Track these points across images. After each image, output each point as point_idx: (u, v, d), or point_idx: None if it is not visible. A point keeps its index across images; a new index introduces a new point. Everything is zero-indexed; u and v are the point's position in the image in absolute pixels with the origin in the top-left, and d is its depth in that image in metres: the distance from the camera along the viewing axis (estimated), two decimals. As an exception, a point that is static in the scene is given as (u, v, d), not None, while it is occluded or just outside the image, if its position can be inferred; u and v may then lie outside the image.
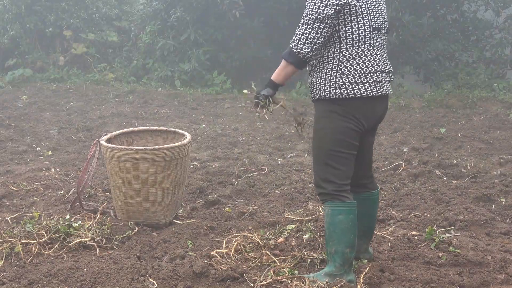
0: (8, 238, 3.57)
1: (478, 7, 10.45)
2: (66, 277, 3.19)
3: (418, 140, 6.74)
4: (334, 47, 3.06)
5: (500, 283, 3.19)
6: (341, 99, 3.05)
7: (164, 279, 3.16)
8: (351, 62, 3.05)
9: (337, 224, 3.07)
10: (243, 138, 6.94)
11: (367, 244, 3.46)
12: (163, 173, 3.90)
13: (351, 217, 3.08)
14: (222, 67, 10.67)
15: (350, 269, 3.15)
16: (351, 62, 3.05)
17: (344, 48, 3.05)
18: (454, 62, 10.38)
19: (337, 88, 3.04)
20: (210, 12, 10.57)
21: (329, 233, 3.11)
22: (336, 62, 3.06)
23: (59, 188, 4.79)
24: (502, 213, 4.34)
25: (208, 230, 3.93)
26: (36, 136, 6.91)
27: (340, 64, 3.05)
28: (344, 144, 3.08)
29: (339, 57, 3.05)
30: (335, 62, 3.06)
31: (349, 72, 3.04)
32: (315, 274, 3.18)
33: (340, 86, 3.04)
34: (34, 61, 11.30)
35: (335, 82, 3.05)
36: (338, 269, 3.10)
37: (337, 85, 3.04)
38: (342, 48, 3.05)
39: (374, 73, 3.07)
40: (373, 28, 3.08)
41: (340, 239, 3.08)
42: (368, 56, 3.06)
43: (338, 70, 3.05)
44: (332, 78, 3.06)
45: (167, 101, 9.28)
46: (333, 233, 3.09)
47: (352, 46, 3.05)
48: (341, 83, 3.04)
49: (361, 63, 3.05)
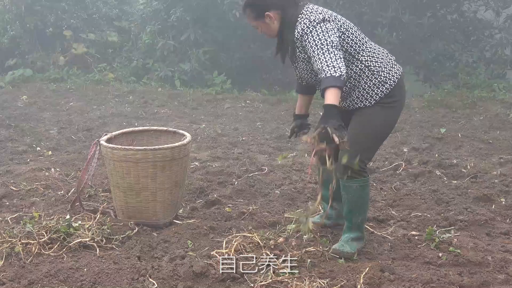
0: (8, 238, 3.56)
1: (478, 7, 10.44)
2: (66, 277, 3.19)
3: (418, 140, 6.74)
4: (353, 62, 3.40)
5: (500, 283, 3.19)
6: (391, 90, 3.40)
7: (164, 279, 3.16)
8: (374, 61, 3.41)
9: (364, 196, 3.53)
10: (243, 138, 6.94)
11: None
12: (163, 173, 3.90)
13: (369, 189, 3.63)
14: (222, 67, 10.66)
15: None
16: (374, 61, 3.41)
17: (361, 56, 3.41)
18: (454, 62, 10.37)
19: (383, 84, 3.40)
20: (210, 12, 10.56)
21: (357, 205, 3.52)
22: (366, 70, 3.40)
23: (59, 188, 4.79)
24: (502, 213, 4.34)
25: (208, 230, 3.93)
26: (36, 136, 6.91)
27: (370, 67, 3.40)
28: (389, 132, 3.60)
29: (364, 65, 3.41)
30: (365, 70, 3.41)
31: (379, 67, 3.41)
32: (340, 244, 3.53)
33: (384, 81, 3.41)
34: (34, 61, 11.30)
35: (379, 82, 3.40)
36: (362, 233, 3.61)
37: (382, 82, 3.40)
38: (360, 57, 3.41)
39: (390, 58, 3.50)
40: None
41: (365, 208, 3.60)
42: (376, 49, 3.49)
43: (374, 72, 3.40)
44: (375, 82, 3.40)
45: (167, 101, 9.28)
46: (361, 204, 3.54)
47: (363, 50, 3.42)
48: (383, 79, 3.40)
49: (378, 56, 3.44)
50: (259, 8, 3.43)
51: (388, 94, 3.41)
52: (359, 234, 3.58)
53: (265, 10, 3.41)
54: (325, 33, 3.23)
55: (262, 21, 3.45)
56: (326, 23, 3.28)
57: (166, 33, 10.84)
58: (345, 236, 3.59)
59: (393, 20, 9.81)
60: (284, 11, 3.40)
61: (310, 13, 3.34)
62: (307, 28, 3.27)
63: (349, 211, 3.55)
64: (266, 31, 3.52)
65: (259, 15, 3.45)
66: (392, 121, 3.54)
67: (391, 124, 3.56)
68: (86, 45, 11.46)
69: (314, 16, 3.31)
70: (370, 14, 9.99)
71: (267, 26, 3.47)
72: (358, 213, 3.54)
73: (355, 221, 3.55)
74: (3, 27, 11.84)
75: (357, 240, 3.56)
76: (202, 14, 10.59)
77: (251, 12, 3.47)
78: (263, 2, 3.43)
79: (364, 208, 3.59)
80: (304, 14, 3.35)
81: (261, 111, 8.60)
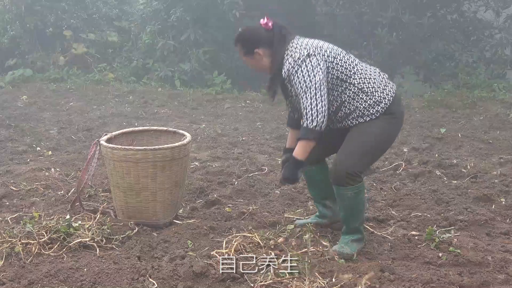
0: (8, 238, 3.56)
1: (478, 7, 10.44)
2: (66, 277, 3.18)
3: (418, 140, 6.74)
4: (346, 87, 3.43)
5: (500, 283, 3.19)
6: (387, 108, 3.44)
7: (164, 279, 3.16)
8: (367, 82, 3.45)
9: (359, 202, 3.53)
10: (243, 138, 6.94)
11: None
12: (163, 173, 3.90)
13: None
14: (222, 67, 10.66)
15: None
16: (367, 82, 3.45)
17: (353, 79, 3.43)
18: (454, 62, 10.37)
19: (379, 104, 3.43)
20: (210, 12, 10.56)
21: (353, 212, 3.55)
22: (360, 92, 3.43)
23: (59, 188, 4.79)
24: (502, 213, 4.34)
25: (208, 230, 3.93)
26: (36, 136, 6.91)
27: (364, 89, 3.43)
28: (387, 146, 3.62)
29: (358, 87, 3.43)
30: (359, 93, 3.43)
31: (373, 87, 3.44)
32: (339, 245, 3.54)
33: (379, 101, 3.43)
34: (34, 61, 11.30)
35: (374, 102, 3.43)
36: (362, 234, 3.63)
37: (377, 102, 3.43)
38: (352, 81, 3.43)
39: (383, 77, 3.54)
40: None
41: (362, 213, 3.62)
42: (368, 69, 3.51)
43: (368, 94, 3.43)
44: (370, 103, 3.43)
45: (167, 101, 9.28)
46: (357, 210, 3.55)
47: (355, 73, 3.45)
48: (378, 99, 3.43)
49: (371, 77, 3.48)
50: (249, 44, 3.52)
51: (385, 112, 3.44)
52: (359, 236, 3.61)
53: (255, 47, 3.49)
54: (310, 72, 3.32)
55: (251, 57, 3.54)
56: (312, 58, 3.35)
57: (166, 33, 10.84)
58: (344, 238, 3.60)
59: (393, 20, 9.81)
60: (273, 49, 3.47)
61: (294, 51, 3.42)
62: (292, 68, 3.36)
63: (346, 217, 3.59)
64: (255, 66, 3.60)
65: (248, 51, 3.52)
66: (389, 134, 3.54)
67: (389, 138, 3.56)
68: (86, 45, 11.46)
69: (298, 54, 3.39)
70: (370, 14, 9.99)
71: (256, 62, 3.55)
72: (355, 219, 3.58)
73: (353, 225, 3.59)
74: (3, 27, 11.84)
75: (357, 241, 3.59)
76: (202, 14, 10.59)
77: (242, 47, 3.56)
78: (253, 39, 3.51)
79: (360, 213, 3.60)
80: (289, 51, 3.43)
81: (261, 111, 8.60)
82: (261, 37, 3.48)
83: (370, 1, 10.00)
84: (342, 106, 3.46)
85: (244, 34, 3.57)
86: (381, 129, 3.45)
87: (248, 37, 3.53)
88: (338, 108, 3.46)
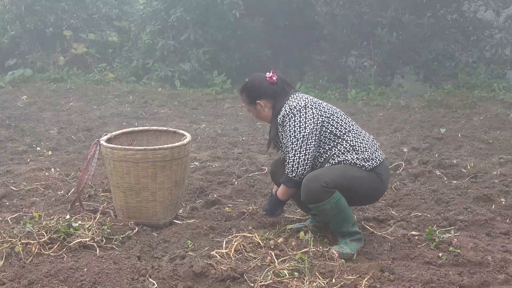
0: (8, 238, 3.56)
1: (478, 7, 10.45)
2: (66, 277, 3.18)
3: (418, 140, 6.74)
4: (339, 142, 3.56)
5: (500, 283, 3.19)
6: (375, 167, 3.54)
7: (164, 279, 3.16)
8: (359, 141, 3.57)
9: (343, 209, 3.52)
10: (243, 138, 6.94)
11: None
12: (163, 173, 3.90)
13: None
14: (222, 67, 10.67)
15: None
16: (359, 141, 3.57)
17: (346, 136, 3.57)
18: (454, 62, 10.38)
19: (368, 161, 3.53)
20: (210, 12, 10.57)
21: (340, 219, 3.54)
22: (351, 149, 3.54)
23: (59, 188, 4.79)
24: (502, 213, 4.34)
25: (208, 230, 3.93)
26: (36, 136, 6.91)
27: (355, 147, 3.54)
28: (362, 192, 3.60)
29: (350, 144, 3.55)
30: (350, 149, 3.54)
31: (364, 148, 3.56)
32: (339, 246, 3.56)
33: (368, 159, 3.53)
34: (34, 61, 11.31)
35: (363, 158, 3.52)
36: (359, 233, 3.63)
37: (366, 159, 3.53)
38: (345, 137, 3.56)
39: (375, 143, 3.67)
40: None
41: (350, 216, 3.59)
42: (362, 134, 3.64)
43: (358, 152, 3.53)
44: (359, 159, 3.51)
45: (167, 101, 9.29)
46: (344, 216, 3.54)
47: (349, 132, 3.59)
48: (367, 157, 3.53)
49: (363, 140, 3.60)
50: (253, 95, 3.72)
51: (372, 169, 3.53)
52: (356, 236, 3.61)
53: (257, 98, 3.70)
54: (302, 123, 3.50)
55: (253, 107, 3.75)
56: (308, 110, 3.53)
57: (166, 33, 10.85)
58: (343, 239, 3.61)
59: (393, 20, 9.81)
60: (275, 101, 3.68)
61: (293, 101, 3.60)
62: (287, 115, 3.55)
63: (337, 226, 3.60)
64: (257, 116, 3.82)
65: (252, 101, 3.74)
66: (369, 187, 3.53)
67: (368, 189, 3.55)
68: (86, 45, 11.46)
69: (296, 103, 3.57)
70: (370, 14, 10.00)
71: (258, 113, 3.77)
72: (346, 223, 3.57)
73: (346, 229, 3.59)
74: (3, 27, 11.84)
75: (356, 240, 3.60)
76: (202, 14, 10.60)
77: (246, 97, 3.77)
78: (257, 91, 3.71)
79: (348, 216, 3.57)
80: (288, 101, 3.62)
81: (261, 111, 8.59)
82: (265, 90, 3.69)
83: (370, 1, 10.00)
84: (330, 158, 3.57)
85: (248, 85, 3.76)
86: (363, 177, 3.50)
87: (252, 89, 3.73)
88: (326, 160, 3.58)
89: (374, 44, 10.11)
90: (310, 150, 3.50)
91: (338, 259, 3.35)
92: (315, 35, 11.21)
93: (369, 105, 9.08)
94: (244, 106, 3.85)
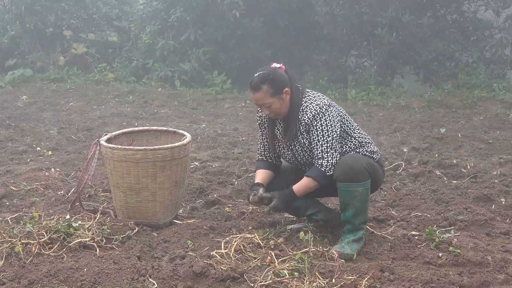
0: (8, 238, 3.56)
1: (478, 7, 10.45)
2: (66, 277, 3.18)
3: (418, 140, 6.74)
4: (349, 140, 3.66)
5: (500, 283, 3.19)
6: (379, 159, 3.73)
7: (164, 279, 3.16)
8: (363, 137, 3.70)
9: (368, 198, 3.60)
10: (243, 138, 6.94)
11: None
12: (163, 173, 3.90)
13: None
14: (222, 67, 10.67)
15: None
16: (363, 137, 3.70)
17: (353, 133, 3.68)
18: (454, 62, 10.38)
19: (373, 154, 3.69)
20: (210, 12, 10.57)
21: (362, 208, 3.56)
22: (359, 144, 3.67)
23: (59, 188, 4.79)
24: (502, 213, 4.34)
25: (208, 230, 3.93)
26: (36, 136, 6.91)
27: (362, 142, 3.68)
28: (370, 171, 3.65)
29: (358, 140, 3.67)
30: (358, 145, 3.67)
31: (369, 142, 3.71)
32: (340, 245, 3.54)
33: (373, 152, 3.69)
34: (34, 61, 11.31)
35: (370, 151, 3.67)
36: (363, 234, 3.64)
37: (372, 152, 3.68)
38: (353, 134, 3.67)
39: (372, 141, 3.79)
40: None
41: (367, 209, 3.66)
42: (363, 131, 3.78)
43: (364, 146, 3.68)
44: (367, 152, 3.66)
45: (167, 101, 9.29)
46: (366, 206, 3.59)
47: (355, 129, 3.70)
48: (373, 149, 3.70)
49: (366, 136, 3.75)
50: (279, 84, 3.48)
51: (377, 161, 3.71)
52: (360, 236, 3.62)
53: (285, 86, 3.50)
54: (332, 122, 3.50)
55: (279, 97, 3.50)
56: (332, 108, 3.54)
57: (166, 33, 10.85)
58: (346, 238, 3.60)
59: (393, 20, 9.81)
60: (292, 89, 3.55)
61: (315, 98, 3.56)
62: (317, 114, 3.49)
63: (353, 215, 3.58)
64: (278, 108, 3.52)
65: (277, 91, 3.48)
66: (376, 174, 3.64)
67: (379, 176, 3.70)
68: (86, 45, 11.46)
69: (320, 101, 3.54)
70: (370, 14, 10.00)
71: (283, 103, 3.52)
72: (362, 215, 3.60)
73: (358, 223, 3.60)
74: (3, 27, 11.85)
75: (357, 241, 3.60)
76: (202, 14, 10.60)
77: (270, 88, 3.47)
78: (283, 78, 3.51)
79: (367, 209, 3.66)
80: (310, 98, 3.56)
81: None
82: (287, 77, 3.53)
83: (370, 1, 10.00)
84: (344, 154, 3.65)
85: (270, 75, 3.49)
86: (378, 167, 3.70)
87: (276, 77, 3.48)
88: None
89: (374, 44, 10.11)
90: (338, 147, 3.56)
91: (338, 259, 3.35)
92: (315, 35, 11.21)
93: (369, 105, 9.08)
94: (258, 102, 3.53)
